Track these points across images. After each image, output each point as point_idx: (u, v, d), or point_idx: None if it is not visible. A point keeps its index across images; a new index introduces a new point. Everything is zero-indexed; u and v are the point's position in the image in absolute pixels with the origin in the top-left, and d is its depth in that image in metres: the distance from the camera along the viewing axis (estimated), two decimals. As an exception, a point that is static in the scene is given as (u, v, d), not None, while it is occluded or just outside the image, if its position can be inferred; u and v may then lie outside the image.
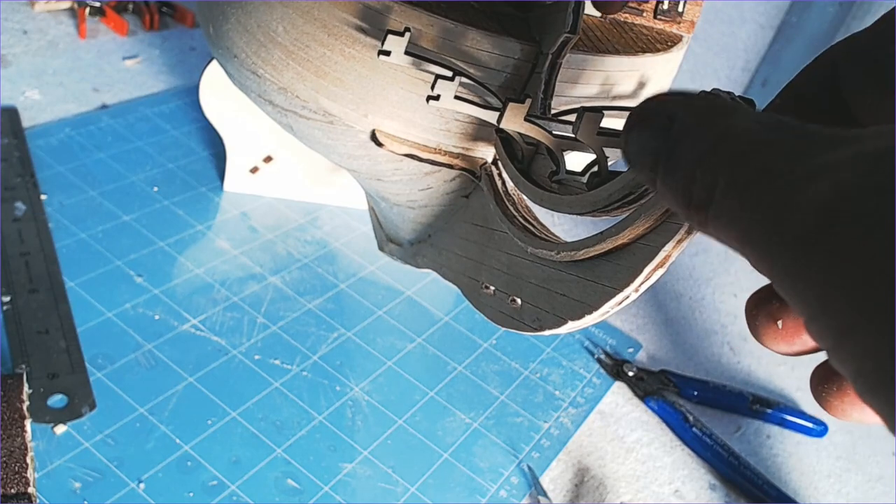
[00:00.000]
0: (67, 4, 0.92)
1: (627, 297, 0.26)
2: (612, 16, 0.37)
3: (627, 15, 0.37)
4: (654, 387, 0.66)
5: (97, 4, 0.91)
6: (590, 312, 0.28)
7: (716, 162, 0.16)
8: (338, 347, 0.62)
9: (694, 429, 0.63)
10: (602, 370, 0.67)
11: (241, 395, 0.55)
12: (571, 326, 0.29)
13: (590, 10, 0.36)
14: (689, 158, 0.17)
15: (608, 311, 0.27)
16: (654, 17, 0.38)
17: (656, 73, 0.36)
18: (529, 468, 0.57)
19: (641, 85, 0.36)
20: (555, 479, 0.58)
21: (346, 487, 0.52)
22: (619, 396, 0.66)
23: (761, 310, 0.21)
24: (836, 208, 0.13)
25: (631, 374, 0.67)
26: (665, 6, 0.37)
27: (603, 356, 0.68)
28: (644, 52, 0.35)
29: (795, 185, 0.14)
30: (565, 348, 0.68)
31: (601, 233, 0.26)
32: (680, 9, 0.38)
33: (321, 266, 0.69)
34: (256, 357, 0.59)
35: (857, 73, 0.20)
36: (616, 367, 0.67)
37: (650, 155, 0.18)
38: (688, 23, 0.38)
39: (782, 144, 0.15)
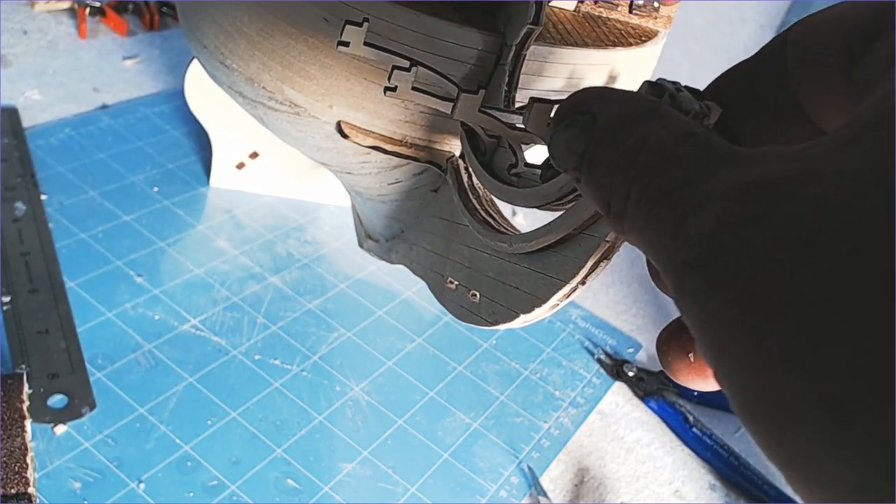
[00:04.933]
0: (67, 4, 0.92)
1: (575, 288, 0.27)
2: (585, 9, 0.36)
3: (602, 9, 0.37)
4: (654, 387, 0.66)
5: (97, 4, 0.91)
6: (539, 305, 0.28)
7: (630, 175, 0.17)
8: (338, 347, 0.62)
9: (694, 429, 0.63)
10: (602, 370, 0.67)
11: (241, 395, 0.55)
12: (523, 320, 0.29)
13: (561, 3, 0.36)
14: (608, 167, 0.17)
15: (557, 303, 0.28)
16: (630, 12, 0.37)
17: (628, 68, 0.36)
18: (529, 468, 0.57)
19: (612, 79, 0.35)
20: (555, 479, 0.58)
21: (346, 487, 0.52)
22: (619, 396, 0.66)
23: (672, 344, 0.21)
24: (716, 240, 0.14)
25: (631, 374, 0.67)
26: (640, 0, 0.37)
27: (603, 356, 0.68)
28: (615, 45, 0.35)
29: (688, 210, 0.15)
30: (565, 348, 0.68)
31: (549, 223, 0.26)
32: (656, 3, 0.37)
33: (321, 266, 0.69)
34: (256, 357, 0.59)
35: (740, 98, 0.20)
36: (616, 367, 0.67)
37: (574, 157, 0.18)
38: (665, 18, 0.38)
39: (685, 162, 0.16)
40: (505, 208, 0.35)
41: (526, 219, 0.78)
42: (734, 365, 0.14)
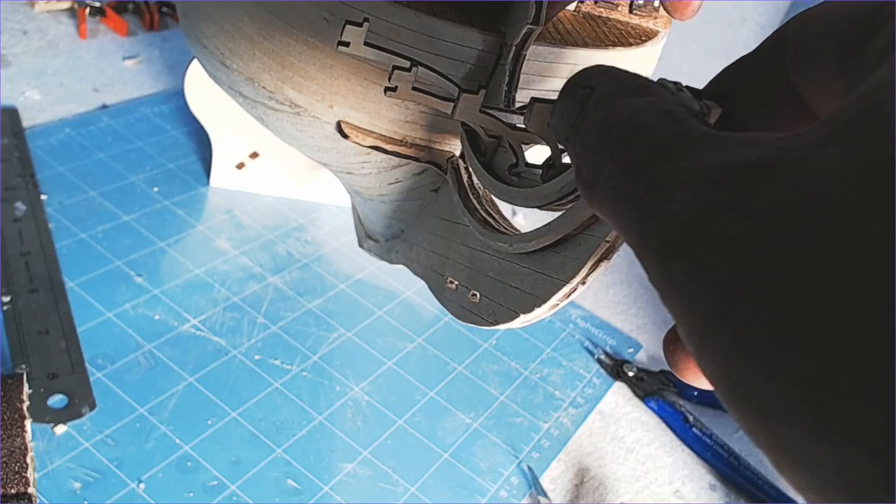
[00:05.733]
0: (67, 4, 0.92)
1: (574, 288, 0.27)
2: (585, 9, 0.36)
3: (602, 9, 0.37)
4: (654, 387, 0.66)
5: (97, 4, 0.91)
6: (539, 305, 0.28)
7: (602, 143, 0.16)
8: (338, 347, 0.62)
9: (694, 429, 0.63)
10: (602, 370, 0.67)
11: (241, 395, 0.55)
12: (523, 320, 0.29)
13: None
14: (586, 135, 0.17)
15: (557, 303, 0.28)
16: (630, 12, 0.37)
17: (628, 68, 0.36)
18: (529, 468, 0.57)
19: None
20: (555, 479, 0.58)
21: (346, 487, 0.52)
22: (619, 396, 0.66)
23: (679, 345, 0.21)
24: (697, 225, 0.14)
25: (631, 374, 0.67)
26: (641, 0, 0.37)
27: (603, 356, 0.68)
28: (615, 45, 0.35)
29: (665, 189, 0.15)
30: (565, 348, 0.68)
31: (549, 223, 0.26)
32: (656, 3, 0.37)
33: (321, 266, 0.69)
34: (256, 357, 0.59)
35: (743, 93, 0.20)
36: (616, 367, 0.67)
37: (566, 127, 0.18)
38: (665, 18, 0.38)
39: (656, 138, 0.15)
40: (505, 208, 0.35)
41: (526, 219, 0.78)
42: (716, 352, 0.14)
